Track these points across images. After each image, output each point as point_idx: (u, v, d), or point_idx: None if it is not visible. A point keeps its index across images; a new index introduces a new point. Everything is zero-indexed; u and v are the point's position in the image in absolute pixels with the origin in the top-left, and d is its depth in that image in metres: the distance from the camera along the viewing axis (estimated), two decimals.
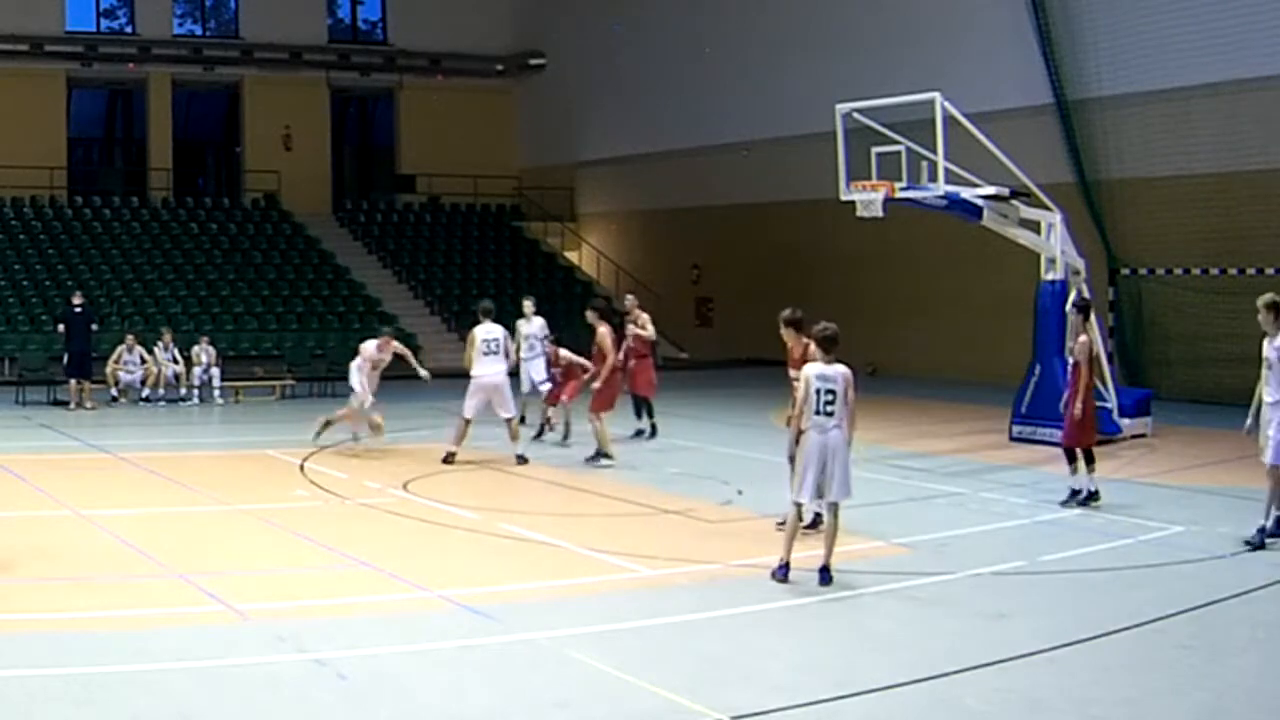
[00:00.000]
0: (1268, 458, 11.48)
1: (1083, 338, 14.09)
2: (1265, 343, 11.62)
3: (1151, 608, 9.49)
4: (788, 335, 11.88)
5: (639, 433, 19.02)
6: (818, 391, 10.13)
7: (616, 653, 8.35)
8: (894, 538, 12.05)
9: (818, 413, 10.11)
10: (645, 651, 8.50)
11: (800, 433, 10.23)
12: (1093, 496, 13.63)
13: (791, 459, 10.45)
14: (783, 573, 10.21)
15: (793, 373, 11.49)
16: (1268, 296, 11.63)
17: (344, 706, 7.41)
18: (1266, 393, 11.53)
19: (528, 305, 19.60)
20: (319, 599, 9.77)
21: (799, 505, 10.34)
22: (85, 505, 13.30)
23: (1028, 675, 8.02)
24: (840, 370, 10.20)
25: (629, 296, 21.09)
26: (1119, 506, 13.56)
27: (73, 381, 23.31)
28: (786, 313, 11.91)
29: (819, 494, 10.24)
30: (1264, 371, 11.60)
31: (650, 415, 19.10)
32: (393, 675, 7.90)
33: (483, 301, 17.59)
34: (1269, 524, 11.54)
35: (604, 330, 17.19)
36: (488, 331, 16.81)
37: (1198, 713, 7.41)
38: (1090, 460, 13.66)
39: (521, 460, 16.53)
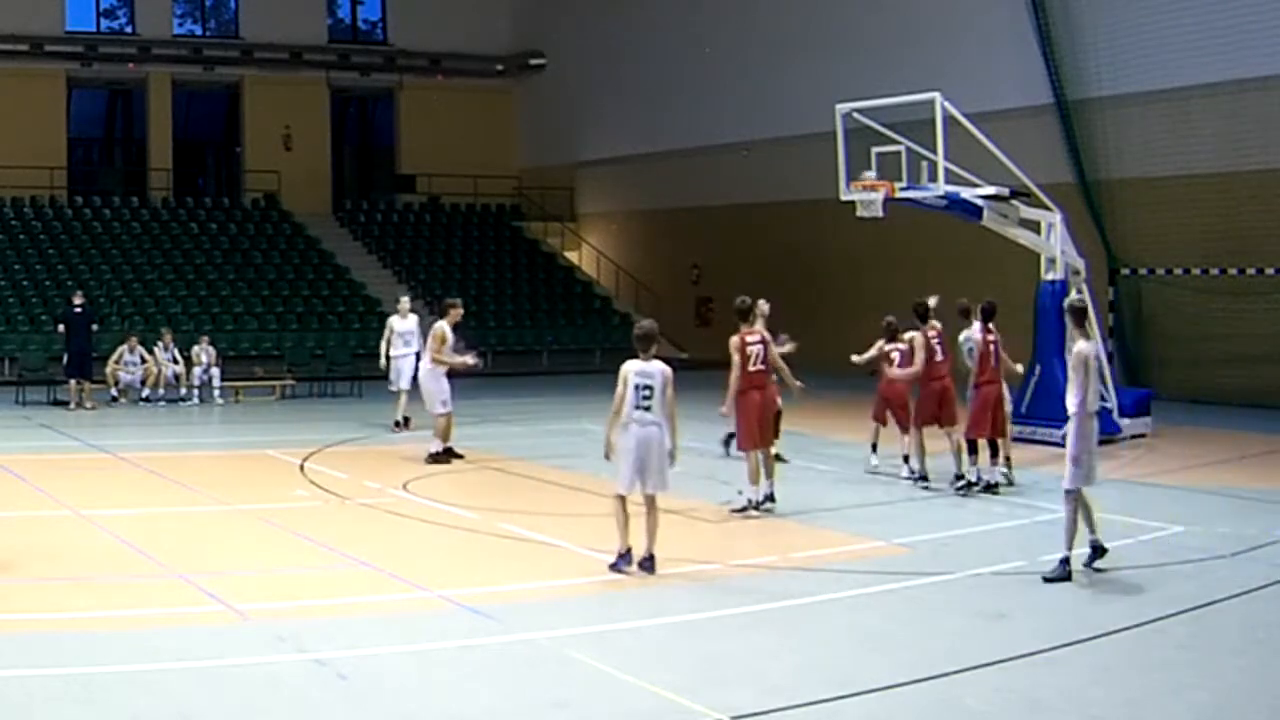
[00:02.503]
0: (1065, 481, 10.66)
1: (974, 334, 15.07)
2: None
3: (1151, 608, 9.49)
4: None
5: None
6: (636, 387, 10.47)
7: (616, 653, 8.34)
8: (894, 538, 12.04)
9: (637, 407, 10.44)
10: (645, 651, 8.49)
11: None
12: (990, 488, 14.25)
13: (608, 455, 10.72)
14: (623, 563, 10.41)
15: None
16: (1069, 298, 11.35)
17: (344, 706, 7.41)
18: (1069, 403, 10.60)
19: (403, 301, 19.26)
20: (319, 599, 9.76)
21: (622, 498, 10.54)
22: (85, 505, 13.28)
23: (1028, 675, 8.01)
24: (659, 367, 10.55)
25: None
26: (1119, 506, 13.54)
27: (73, 381, 23.28)
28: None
29: (641, 485, 10.52)
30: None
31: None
32: (393, 675, 7.90)
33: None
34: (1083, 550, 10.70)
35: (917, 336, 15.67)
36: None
37: (1198, 713, 7.40)
38: (974, 450, 14.39)
39: (433, 458, 16.48)
